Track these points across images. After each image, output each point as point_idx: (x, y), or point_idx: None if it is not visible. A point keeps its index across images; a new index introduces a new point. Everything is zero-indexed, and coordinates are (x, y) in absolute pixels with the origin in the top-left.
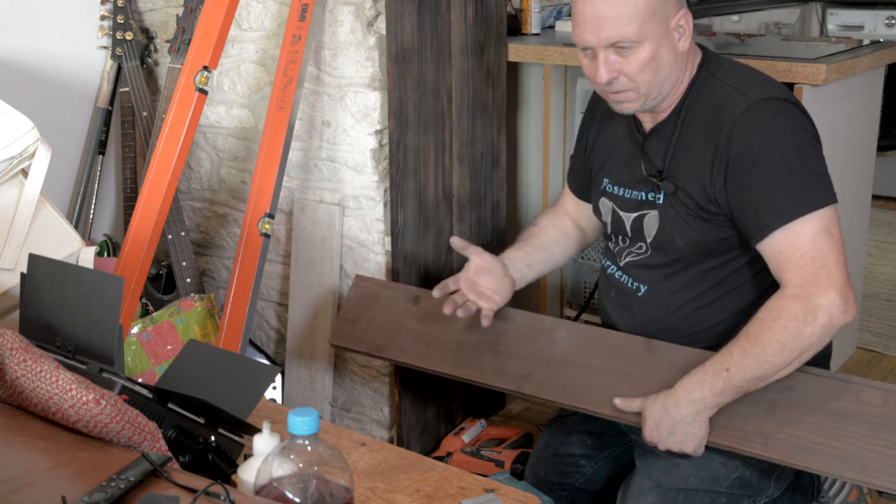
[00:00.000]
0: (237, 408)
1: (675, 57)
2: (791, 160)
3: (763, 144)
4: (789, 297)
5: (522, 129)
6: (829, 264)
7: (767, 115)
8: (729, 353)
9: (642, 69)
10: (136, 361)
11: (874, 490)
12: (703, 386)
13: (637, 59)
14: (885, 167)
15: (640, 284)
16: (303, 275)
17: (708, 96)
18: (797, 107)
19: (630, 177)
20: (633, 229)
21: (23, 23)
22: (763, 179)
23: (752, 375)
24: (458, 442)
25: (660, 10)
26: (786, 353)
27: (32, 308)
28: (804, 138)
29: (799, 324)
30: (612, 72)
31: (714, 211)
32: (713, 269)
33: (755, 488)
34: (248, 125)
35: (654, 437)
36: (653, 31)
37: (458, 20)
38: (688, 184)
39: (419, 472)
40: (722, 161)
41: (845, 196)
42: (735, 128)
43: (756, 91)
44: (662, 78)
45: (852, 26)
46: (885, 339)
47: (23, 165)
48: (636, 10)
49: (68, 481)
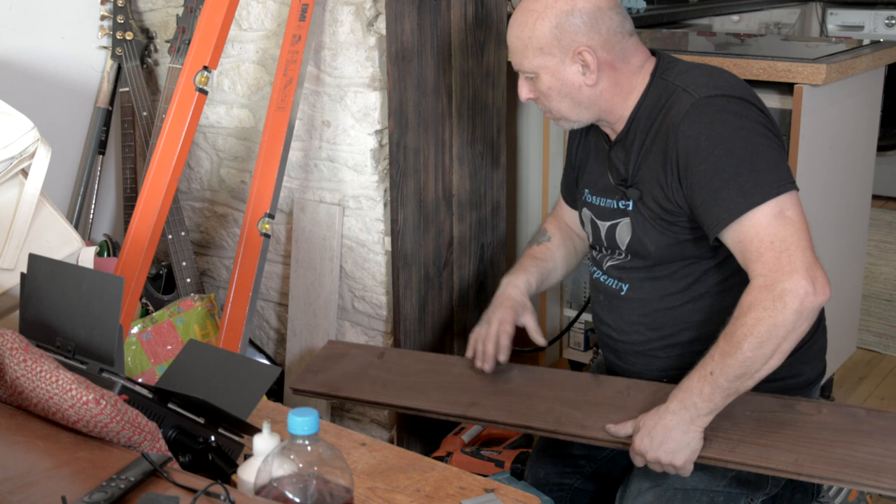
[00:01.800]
0: (237, 408)
1: (579, 89)
2: (738, 153)
3: (709, 140)
4: (757, 288)
5: (522, 129)
6: (790, 247)
7: (711, 112)
8: (711, 356)
9: (546, 96)
10: (136, 361)
11: None
12: (691, 393)
13: (539, 86)
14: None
15: (623, 284)
16: (303, 275)
17: (661, 100)
18: (747, 101)
19: (603, 187)
20: (608, 237)
21: (23, 23)
22: (713, 175)
23: (736, 374)
24: (458, 442)
25: (550, 45)
26: (764, 347)
27: (32, 308)
28: (753, 130)
29: (770, 313)
30: (526, 93)
31: (675, 212)
32: (689, 267)
33: (753, 486)
34: (248, 125)
35: (645, 444)
36: (543, 64)
37: (458, 20)
38: (650, 189)
39: (419, 472)
40: (672, 162)
41: (845, 196)
42: (680, 127)
43: (702, 90)
44: (574, 104)
45: (852, 26)
46: (885, 339)
47: (23, 165)
48: (528, 45)
49: (68, 481)
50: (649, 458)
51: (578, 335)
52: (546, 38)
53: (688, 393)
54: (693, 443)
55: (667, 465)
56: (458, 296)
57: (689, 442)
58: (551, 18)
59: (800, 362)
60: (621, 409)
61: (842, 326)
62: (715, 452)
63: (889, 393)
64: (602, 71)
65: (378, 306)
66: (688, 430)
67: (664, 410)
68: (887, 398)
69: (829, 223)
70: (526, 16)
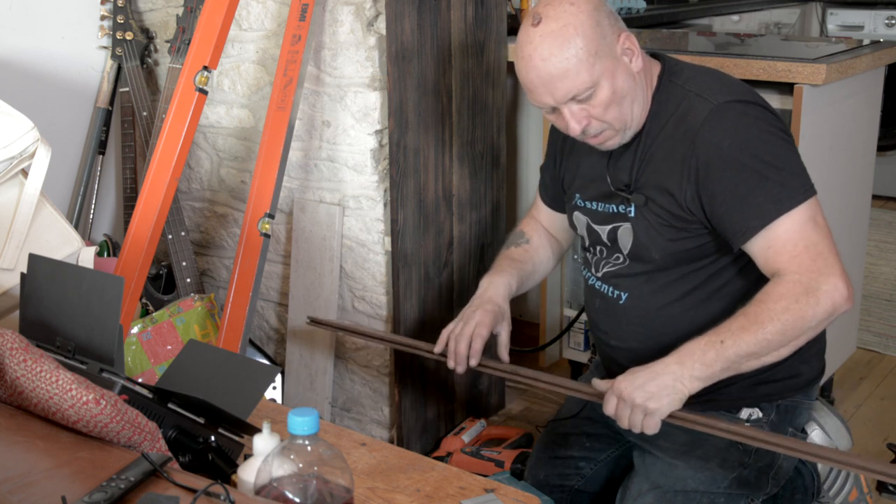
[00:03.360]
0: (237, 408)
1: (634, 80)
2: (764, 159)
3: (732, 147)
4: (790, 282)
5: (522, 129)
6: (824, 251)
7: (732, 117)
8: (727, 328)
9: (608, 108)
10: (136, 361)
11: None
12: (693, 353)
13: (599, 101)
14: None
15: (621, 293)
16: (303, 275)
17: (671, 105)
18: (761, 106)
19: (599, 191)
20: (610, 240)
21: (23, 23)
22: (738, 182)
23: (747, 352)
24: (458, 442)
25: (601, 46)
26: (786, 334)
27: (32, 308)
28: (774, 135)
29: (802, 306)
30: (581, 121)
31: (688, 219)
32: (692, 274)
33: (753, 487)
34: (248, 125)
35: (625, 384)
36: (603, 69)
37: (458, 20)
38: (658, 194)
39: (419, 472)
40: (690, 169)
41: (845, 196)
42: (699, 134)
43: (718, 95)
44: (629, 105)
45: (852, 26)
46: (885, 339)
47: (23, 165)
48: (580, 59)
49: (68, 481)
50: (625, 396)
51: (578, 335)
52: (595, 42)
53: (690, 353)
54: (674, 394)
55: (639, 407)
56: (458, 296)
57: (670, 392)
58: (586, 22)
59: (799, 361)
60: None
61: (842, 326)
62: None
63: (889, 393)
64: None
65: (378, 306)
66: (671, 386)
67: (657, 362)
68: (887, 398)
69: (829, 223)
70: (553, 39)
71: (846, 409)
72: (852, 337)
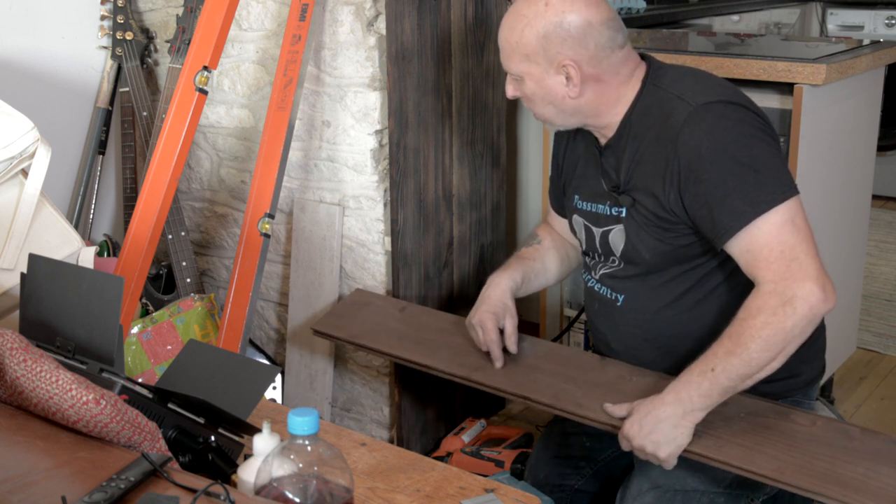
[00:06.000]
0: (237, 408)
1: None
2: (742, 161)
3: (711, 149)
4: (765, 293)
5: (522, 129)
6: (800, 255)
7: (710, 119)
8: (714, 353)
9: (530, 100)
10: (136, 361)
11: None
12: (689, 387)
13: (524, 90)
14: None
15: (618, 295)
16: (303, 275)
17: (654, 108)
18: (743, 106)
19: (594, 192)
20: (602, 244)
21: (23, 23)
22: (717, 184)
23: (739, 374)
24: (458, 442)
25: (536, 54)
26: (770, 349)
27: (32, 308)
28: (753, 136)
29: (779, 318)
30: (511, 91)
31: (672, 220)
32: (684, 275)
33: (753, 486)
34: (248, 125)
35: (633, 431)
36: (530, 71)
37: (458, 20)
38: (643, 196)
39: (419, 472)
40: (672, 171)
41: (845, 196)
42: (679, 136)
43: (699, 97)
44: (558, 111)
45: (852, 26)
46: (885, 339)
47: (23, 165)
48: (515, 49)
49: (68, 481)
50: (634, 445)
51: (578, 335)
52: (532, 47)
53: (685, 386)
54: (680, 437)
55: (650, 455)
56: (458, 296)
57: (676, 436)
58: (539, 28)
59: (799, 362)
60: (620, 394)
61: (842, 326)
62: (701, 448)
63: (889, 393)
64: (586, 84)
65: None
66: (678, 424)
67: (659, 401)
68: (887, 398)
69: (829, 223)
70: (516, 20)
71: (846, 409)
72: (852, 337)
